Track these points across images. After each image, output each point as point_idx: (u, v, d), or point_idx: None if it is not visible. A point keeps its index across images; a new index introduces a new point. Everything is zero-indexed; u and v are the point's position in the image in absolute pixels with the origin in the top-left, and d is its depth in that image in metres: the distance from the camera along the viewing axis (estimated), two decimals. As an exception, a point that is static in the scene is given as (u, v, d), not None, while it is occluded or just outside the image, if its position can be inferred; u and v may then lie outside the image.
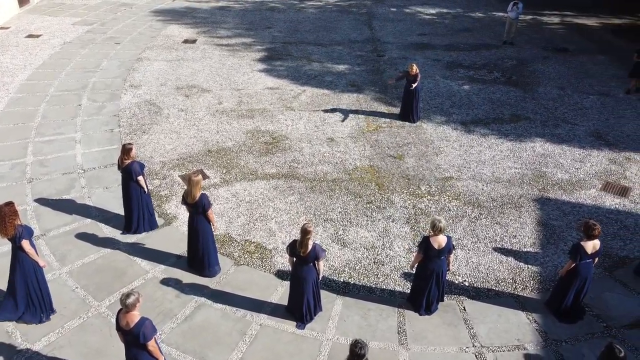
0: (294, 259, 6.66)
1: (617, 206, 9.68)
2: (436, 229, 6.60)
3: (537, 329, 7.03)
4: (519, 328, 7.05)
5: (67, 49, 16.83)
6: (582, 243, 6.70)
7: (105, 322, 6.94)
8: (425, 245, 6.72)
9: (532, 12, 22.10)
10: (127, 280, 7.66)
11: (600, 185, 10.27)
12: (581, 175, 10.58)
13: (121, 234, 8.60)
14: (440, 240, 6.68)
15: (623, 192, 10.11)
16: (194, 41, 18.07)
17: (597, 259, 6.89)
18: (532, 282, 7.86)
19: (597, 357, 6.41)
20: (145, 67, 15.57)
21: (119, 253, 8.19)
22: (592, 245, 6.69)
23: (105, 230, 8.70)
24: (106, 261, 8.02)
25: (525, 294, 7.63)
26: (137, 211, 8.50)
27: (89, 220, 8.93)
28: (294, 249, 6.53)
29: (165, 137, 11.70)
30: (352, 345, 4.89)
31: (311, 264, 6.61)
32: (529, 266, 8.17)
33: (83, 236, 8.50)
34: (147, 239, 8.54)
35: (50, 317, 6.93)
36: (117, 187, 9.63)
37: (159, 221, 8.96)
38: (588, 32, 20.07)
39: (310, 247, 6.43)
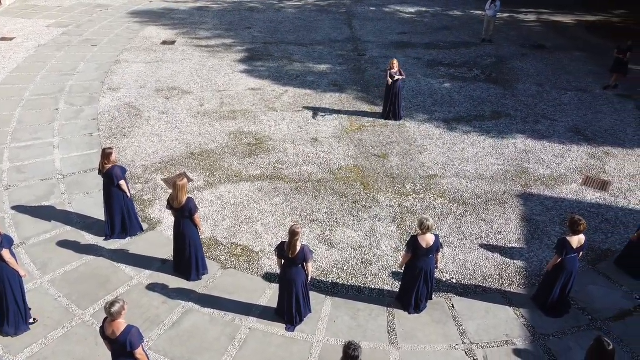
0: (283, 261, 6.60)
1: (597, 200, 9.85)
2: (424, 228, 6.61)
3: (524, 324, 7.10)
4: (507, 324, 7.11)
5: (42, 51, 16.45)
6: (567, 238, 6.78)
7: (90, 331, 6.78)
8: (413, 244, 6.73)
9: (509, 10, 22.37)
10: (111, 288, 7.50)
11: (581, 180, 10.43)
12: (562, 171, 10.73)
13: (104, 240, 8.43)
14: (428, 239, 6.69)
15: (603, 186, 10.29)
16: (173, 42, 17.84)
17: (582, 253, 6.99)
18: (518, 277, 7.94)
19: (585, 351, 6.53)
20: (124, 70, 15.31)
21: (103, 260, 8.02)
22: (577, 240, 6.78)
23: (87, 237, 8.51)
24: (89, 268, 7.85)
25: (512, 290, 7.70)
26: (120, 216, 8.34)
27: (70, 227, 8.72)
28: (282, 250, 6.47)
29: (147, 140, 11.51)
30: (346, 347, 4.86)
31: (300, 265, 6.56)
32: (515, 262, 8.25)
33: (64, 243, 8.31)
34: (131, 244, 8.38)
35: (29, 327, 6.72)
36: (98, 193, 9.45)
37: (143, 226, 8.80)
38: (564, 30, 20.41)
39: (298, 248, 6.38)
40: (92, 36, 18.19)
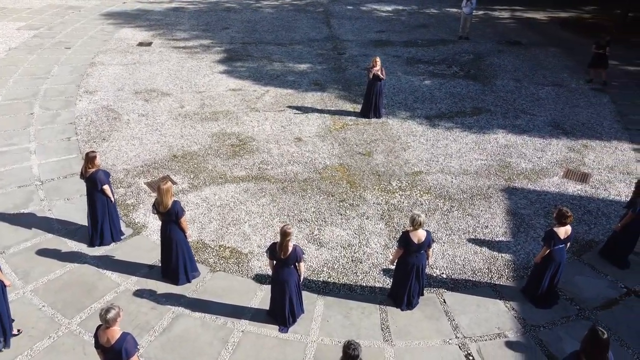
0: (274, 262, 6.53)
1: (579, 192, 10.04)
2: (416, 224, 6.62)
3: (515, 316, 7.18)
4: (498, 316, 7.18)
5: (13, 55, 15.98)
6: (555, 229, 6.88)
7: (77, 340, 6.59)
8: (405, 240, 6.73)
9: (484, 8, 22.70)
10: (97, 295, 7.30)
11: (562, 173, 10.62)
12: (544, 164, 10.91)
13: (88, 246, 8.21)
14: (419, 235, 6.71)
15: (583, 178, 10.50)
16: (149, 44, 17.53)
17: (568, 244, 7.10)
18: (506, 270, 8.03)
19: (575, 340, 6.63)
20: (100, 72, 14.98)
21: (87, 267, 7.81)
22: (564, 231, 6.88)
23: (70, 244, 8.28)
24: (74, 276, 7.63)
25: (501, 283, 7.78)
26: (104, 222, 8.14)
27: (51, 234, 8.47)
28: (274, 252, 6.40)
29: (127, 143, 11.27)
30: (345, 346, 4.82)
31: (292, 266, 6.50)
32: (503, 255, 8.34)
33: (46, 251, 8.06)
34: (116, 250, 8.19)
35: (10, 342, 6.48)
36: (79, 198, 9.24)
37: (127, 231, 8.61)
38: (538, 26, 20.79)
39: (290, 249, 6.32)
40: (65, 38, 17.77)
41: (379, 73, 12.05)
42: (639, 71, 15.90)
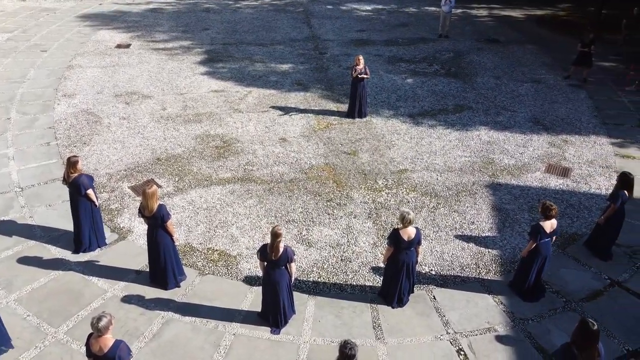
0: (265, 264, 6.49)
1: (561, 186, 10.22)
2: (405, 221, 6.65)
3: (504, 311, 7.28)
4: (488, 311, 7.27)
5: (-13, 59, 15.59)
6: (541, 223, 6.99)
7: (65, 349, 6.45)
8: (395, 237, 6.76)
9: (462, 6, 22.95)
10: (84, 302, 7.17)
11: (544, 168, 10.80)
12: (526, 160, 11.08)
13: (72, 253, 8.05)
14: (409, 232, 6.74)
15: (564, 172, 10.69)
16: (127, 46, 17.28)
17: (554, 237, 7.22)
18: (494, 265, 8.13)
19: (563, 332, 6.75)
20: (78, 75, 14.71)
21: (72, 274, 7.66)
22: (550, 225, 7.00)
23: (54, 251, 8.11)
24: (59, 284, 7.48)
25: (489, 278, 7.88)
26: (88, 227, 7.99)
27: (34, 241, 8.29)
28: (265, 253, 6.37)
29: (109, 147, 11.09)
30: (342, 346, 4.81)
31: (283, 267, 6.47)
32: (490, 250, 8.44)
33: (29, 259, 7.88)
34: (101, 256, 8.05)
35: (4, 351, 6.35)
36: (61, 204, 9.06)
37: (112, 236, 8.47)
38: (515, 23, 21.11)
39: (281, 250, 6.29)
40: (41, 41, 17.40)
41: (363, 71, 12.07)
42: (613, 67, 16.26)
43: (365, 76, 12.12)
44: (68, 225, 8.45)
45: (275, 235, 6.21)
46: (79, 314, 6.96)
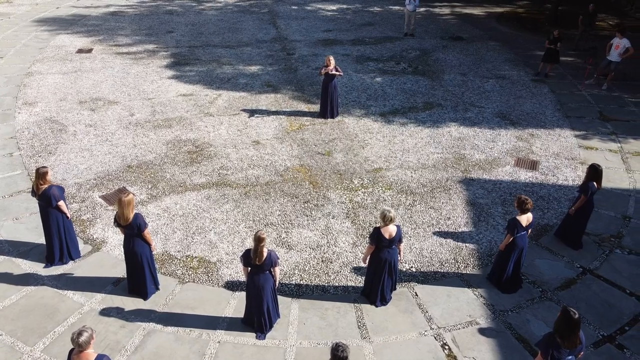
0: (249, 269, 6.43)
1: (530, 179, 10.51)
2: (386, 219, 6.71)
3: (484, 303, 7.43)
4: (469, 305, 7.41)
5: (-61, 67, 14.86)
6: (517, 217, 7.18)
7: (43, 367, 6.23)
8: (376, 236, 6.81)
9: (425, 5, 23.30)
10: (60, 318, 6.93)
11: (513, 162, 11.08)
12: (495, 154, 11.34)
13: (44, 267, 7.77)
14: (390, 230, 6.80)
15: (533, 165, 11.00)
16: (89, 50, 16.78)
17: (530, 230, 7.42)
18: (472, 259, 8.30)
19: (542, 322, 6.95)
20: (39, 82, 14.20)
21: (46, 289, 7.39)
22: (526, 218, 7.19)
23: (24, 266, 7.81)
24: (32, 300, 7.20)
25: (468, 272, 8.03)
26: (60, 240, 7.72)
27: (2, 257, 7.96)
28: (248, 258, 6.30)
29: (76, 156, 10.75)
30: (334, 349, 4.81)
31: (267, 271, 6.42)
32: (467, 245, 8.60)
33: (-2, 276, 7.57)
34: (75, 268, 7.80)
35: None
36: (29, 217, 8.75)
37: (86, 248, 8.22)
38: (476, 21, 21.57)
39: (265, 254, 6.24)
40: (-4, 47, 16.70)
41: (335, 71, 12.09)
42: (572, 62, 16.83)
43: (337, 73, 12.11)
44: (38, 238, 8.18)
45: (259, 240, 6.16)
46: (55, 330, 6.73)
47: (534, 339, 6.73)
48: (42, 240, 7.93)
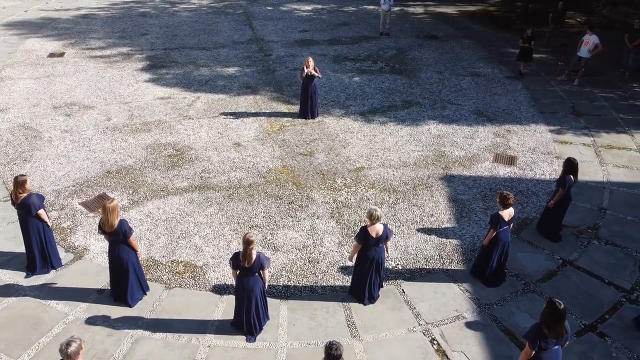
0: (238, 272, 6.41)
1: (509, 174, 10.73)
2: (373, 218, 6.76)
3: (470, 298, 7.57)
4: (455, 299, 7.53)
5: None
6: (499, 212, 7.33)
7: (29, 380, 6.09)
8: (363, 234, 6.86)
9: (399, 4, 23.53)
10: (44, 329, 6.78)
11: (492, 158, 11.30)
12: (474, 151, 11.54)
13: (25, 277, 7.59)
14: (377, 229, 6.86)
15: (511, 161, 11.24)
16: (61, 54, 16.43)
17: (512, 225, 7.59)
18: (456, 254, 8.43)
19: (526, 314, 7.12)
20: (10, 88, 13.84)
21: (28, 299, 7.22)
22: (508, 213, 7.35)
23: (4, 277, 7.61)
24: (13, 312, 7.03)
25: (453, 267, 8.16)
26: (41, 248, 7.55)
27: (-20, 268, 7.75)
28: (237, 260, 6.28)
29: (53, 162, 10.52)
30: (327, 347, 4.84)
31: (257, 273, 6.41)
32: (450, 240, 8.74)
33: (-23, 288, 7.36)
34: (58, 277, 7.64)
35: None
36: (6, 226, 8.54)
37: (68, 256, 8.06)
38: (450, 19, 21.90)
39: (254, 257, 6.23)
40: (-37, 53, 16.21)
41: (314, 72, 12.11)
42: (543, 58, 17.22)
43: (316, 74, 12.14)
44: (17, 248, 7.99)
45: (248, 243, 6.14)
46: (39, 341, 6.58)
47: (519, 330, 6.89)
48: (21, 249, 7.75)
